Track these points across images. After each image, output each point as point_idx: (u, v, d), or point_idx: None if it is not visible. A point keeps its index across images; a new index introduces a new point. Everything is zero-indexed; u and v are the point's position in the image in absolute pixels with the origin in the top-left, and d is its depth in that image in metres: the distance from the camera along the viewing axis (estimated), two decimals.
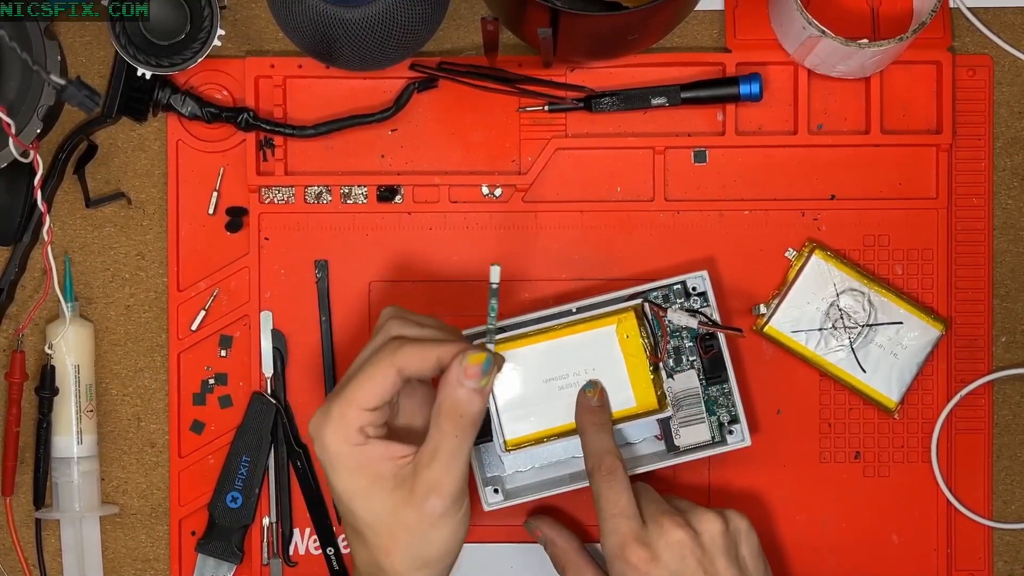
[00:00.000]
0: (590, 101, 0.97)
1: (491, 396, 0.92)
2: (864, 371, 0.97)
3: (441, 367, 0.83)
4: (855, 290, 0.97)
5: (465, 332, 0.93)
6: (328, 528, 0.98)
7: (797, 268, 0.97)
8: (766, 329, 0.97)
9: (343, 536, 0.98)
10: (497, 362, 0.84)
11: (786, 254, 0.98)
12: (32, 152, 0.93)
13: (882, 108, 0.98)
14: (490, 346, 0.84)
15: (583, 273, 0.98)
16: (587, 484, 0.91)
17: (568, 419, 0.92)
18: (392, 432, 0.85)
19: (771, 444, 0.98)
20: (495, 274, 0.84)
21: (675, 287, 0.95)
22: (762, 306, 0.97)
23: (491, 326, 0.84)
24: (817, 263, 0.97)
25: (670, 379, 0.95)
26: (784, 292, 0.97)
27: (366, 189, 0.98)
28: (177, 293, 0.98)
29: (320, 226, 0.98)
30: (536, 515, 0.97)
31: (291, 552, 0.99)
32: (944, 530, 0.99)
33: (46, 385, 0.97)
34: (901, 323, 0.97)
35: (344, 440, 0.82)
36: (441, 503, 0.82)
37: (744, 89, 0.97)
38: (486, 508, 0.94)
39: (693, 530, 0.87)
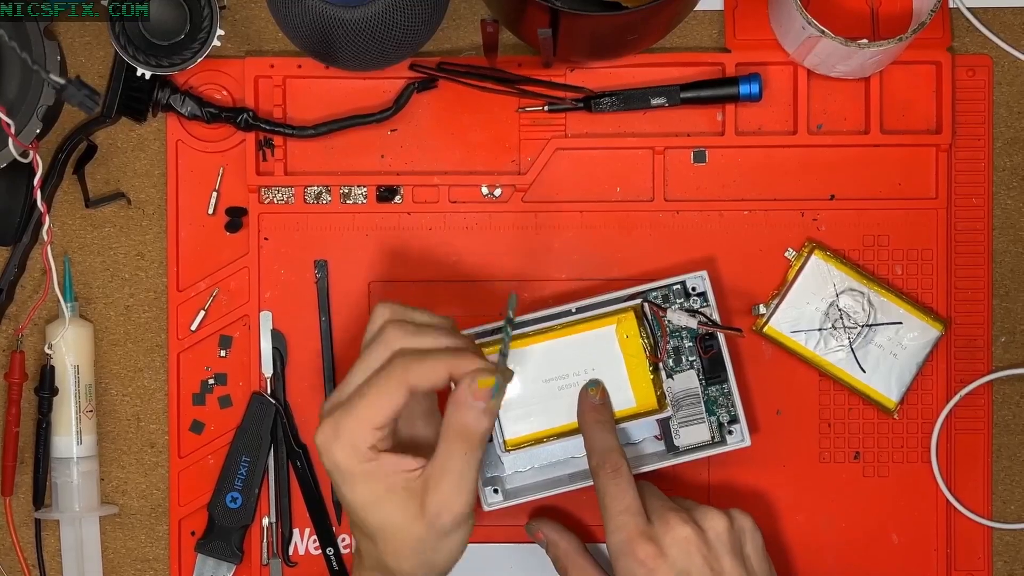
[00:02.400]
0: (590, 101, 0.97)
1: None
2: (864, 371, 0.97)
3: (452, 380, 0.82)
4: (854, 290, 0.97)
5: (474, 330, 0.93)
6: (328, 528, 0.98)
7: (797, 268, 0.97)
8: (766, 329, 0.97)
9: (343, 537, 0.98)
10: (506, 377, 0.83)
11: (786, 254, 0.98)
12: (32, 152, 0.93)
13: (882, 108, 0.98)
14: (502, 367, 0.83)
15: (583, 273, 0.98)
16: (587, 484, 0.91)
17: (568, 419, 0.92)
18: (397, 441, 0.85)
19: (771, 444, 0.98)
20: (512, 302, 0.83)
21: (675, 287, 0.95)
22: (762, 306, 0.97)
23: (504, 351, 0.83)
24: (816, 263, 0.97)
25: (670, 379, 0.95)
26: (784, 292, 0.97)
27: (366, 189, 0.98)
28: (177, 293, 0.98)
29: (320, 226, 0.98)
30: (537, 517, 0.97)
31: (291, 552, 0.99)
32: (944, 530, 0.99)
33: (46, 385, 0.96)
34: (900, 323, 0.97)
35: (356, 457, 0.82)
36: (452, 520, 0.82)
37: (744, 89, 0.97)
38: (486, 508, 0.94)
39: (699, 527, 0.87)
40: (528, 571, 0.98)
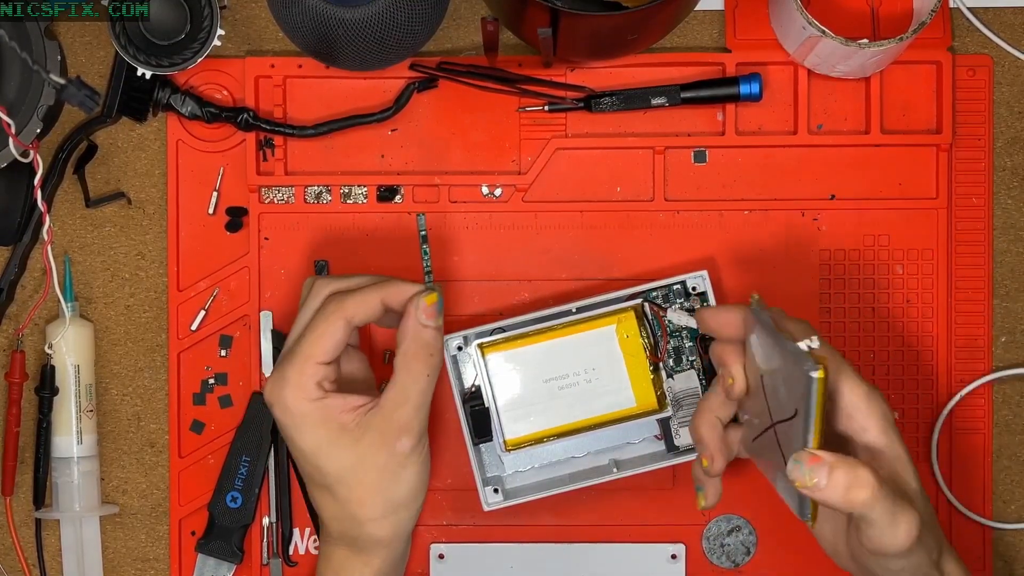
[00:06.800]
0: (590, 101, 0.97)
1: (492, 398, 0.92)
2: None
3: (386, 308, 0.86)
4: None
5: (474, 330, 0.93)
6: None
7: None
8: None
9: None
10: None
11: None
12: (32, 152, 0.93)
13: (882, 108, 0.98)
14: (433, 286, 0.87)
15: (583, 273, 0.98)
16: (587, 484, 0.91)
17: (568, 419, 0.92)
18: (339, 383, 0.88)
19: None
20: (422, 223, 0.91)
21: (675, 287, 0.95)
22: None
23: (427, 269, 0.89)
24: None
25: (670, 379, 0.95)
26: None
27: (366, 189, 0.98)
28: (177, 293, 0.98)
29: (320, 226, 0.98)
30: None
31: (291, 552, 0.99)
32: (944, 530, 0.98)
33: (46, 385, 0.96)
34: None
35: (305, 397, 0.85)
36: (411, 442, 0.85)
37: (744, 89, 0.97)
38: (486, 508, 0.94)
39: None
40: (528, 571, 0.98)
